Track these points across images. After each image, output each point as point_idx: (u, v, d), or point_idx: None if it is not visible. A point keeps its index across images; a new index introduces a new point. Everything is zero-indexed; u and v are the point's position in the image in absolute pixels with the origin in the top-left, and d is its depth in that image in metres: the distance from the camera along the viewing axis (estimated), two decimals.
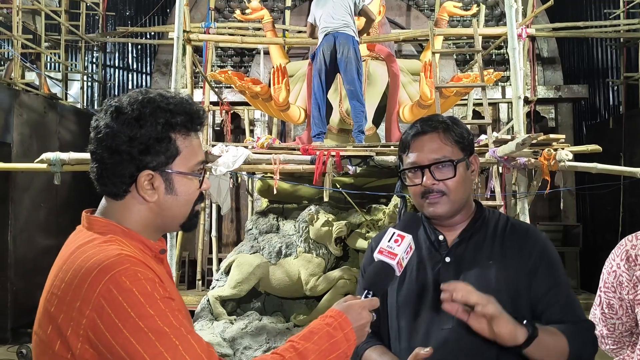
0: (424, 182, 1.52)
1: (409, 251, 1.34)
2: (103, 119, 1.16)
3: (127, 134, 1.12)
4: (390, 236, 1.34)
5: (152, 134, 1.14)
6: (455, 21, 9.03)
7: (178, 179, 1.18)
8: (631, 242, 1.68)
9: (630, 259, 1.66)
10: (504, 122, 8.70)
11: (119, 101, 1.17)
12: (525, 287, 1.49)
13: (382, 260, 1.31)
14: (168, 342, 1.01)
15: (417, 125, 1.58)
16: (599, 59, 9.57)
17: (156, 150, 1.15)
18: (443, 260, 1.54)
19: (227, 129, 8.40)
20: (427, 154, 1.53)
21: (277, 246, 5.11)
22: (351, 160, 4.96)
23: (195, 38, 5.84)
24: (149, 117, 1.14)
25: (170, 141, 1.16)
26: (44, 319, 1.09)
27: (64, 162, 4.80)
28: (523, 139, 4.14)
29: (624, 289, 1.67)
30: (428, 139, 1.54)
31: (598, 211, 9.00)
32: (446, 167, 1.52)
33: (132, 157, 1.13)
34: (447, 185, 1.51)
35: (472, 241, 1.55)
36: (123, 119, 1.13)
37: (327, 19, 5.40)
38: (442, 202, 1.52)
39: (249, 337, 4.57)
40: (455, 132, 1.55)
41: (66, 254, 1.14)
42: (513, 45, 4.82)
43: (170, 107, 1.16)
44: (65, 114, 8.23)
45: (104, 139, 1.14)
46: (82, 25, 9.15)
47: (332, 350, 1.16)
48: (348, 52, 5.32)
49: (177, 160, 1.18)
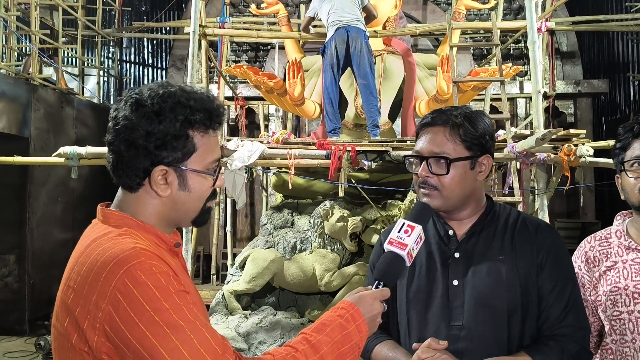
0: (419, 172, 1.53)
1: (419, 241, 1.33)
2: (122, 109, 1.15)
3: (145, 128, 1.12)
4: (400, 227, 1.33)
5: (170, 130, 1.13)
6: (473, 15, 8.91)
7: (192, 176, 1.18)
8: (590, 244, 1.72)
9: (589, 261, 1.70)
10: (522, 118, 8.58)
11: (140, 93, 1.16)
12: (533, 283, 1.47)
13: (392, 250, 1.30)
14: (183, 335, 1.01)
15: (431, 116, 1.58)
16: (619, 53, 9.40)
17: (173, 147, 1.14)
18: (452, 256, 1.52)
19: (242, 124, 8.40)
20: (429, 146, 1.53)
21: (292, 241, 5.10)
22: (367, 156, 4.91)
23: (210, 33, 5.83)
24: (168, 112, 1.13)
25: (187, 138, 1.15)
26: (62, 311, 1.10)
27: (81, 156, 4.83)
28: (543, 134, 4.07)
29: (586, 290, 1.70)
30: (434, 132, 1.54)
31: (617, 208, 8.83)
32: (442, 163, 1.51)
33: (148, 151, 1.13)
34: (441, 181, 1.50)
35: (482, 236, 1.54)
36: (142, 112, 1.12)
37: (339, 12, 5.35)
38: (434, 196, 1.51)
39: (264, 332, 4.56)
40: (466, 130, 1.52)
41: (82, 247, 1.14)
42: (533, 39, 4.73)
43: (190, 103, 1.15)
44: (82, 109, 8.30)
45: (121, 130, 1.14)
46: (98, 21, 9.21)
47: (345, 341, 1.16)
48: (361, 46, 5.30)
49: (192, 157, 1.17)
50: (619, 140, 1.68)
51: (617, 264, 1.65)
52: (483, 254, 1.50)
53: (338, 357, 1.14)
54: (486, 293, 1.46)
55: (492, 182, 6.76)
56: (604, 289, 1.65)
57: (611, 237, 1.72)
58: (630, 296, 1.60)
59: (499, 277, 1.46)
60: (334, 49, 5.33)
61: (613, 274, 1.65)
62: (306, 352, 1.11)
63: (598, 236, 1.75)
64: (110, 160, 1.18)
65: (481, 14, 8.88)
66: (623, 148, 1.66)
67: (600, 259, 1.69)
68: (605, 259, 1.68)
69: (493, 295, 1.45)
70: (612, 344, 1.65)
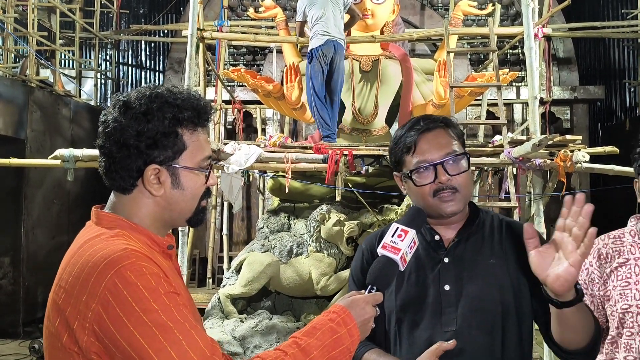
0: (440, 178, 1.46)
1: (413, 246, 1.32)
2: (111, 113, 1.17)
3: (135, 128, 1.14)
4: (394, 231, 1.32)
5: (159, 129, 1.15)
6: (470, 20, 8.95)
7: (184, 173, 1.19)
8: (603, 241, 1.78)
9: (601, 257, 1.75)
10: (519, 123, 8.60)
11: (127, 96, 1.18)
12: (525, 283, 1.47)
13: (385, 255, 1.29)
14: (172, 336, 1.01)
15: (419, 124, 1.52)
16: (615, 60, 9.43)
17: (163, 145, 1.16)
18: (442, 261, 1.50)
19: (239, 127, 8.38)
20: (438, 149, 1.48)
21: (288, 245, 5.09)
22: (364, 160, 4.92)
23: (208, 36, 5.83)
24: (156, 112, 1.15)
25: (177, 136, 1.17)
26: (53, 311, 1.11)
27: (77, 159, 4.81)
28: (539, 139, 4.08)
29: (595, 285, 1.75)
30: (435, 135, 1.50)
31: (612, 214, 8.87)
32: (457, 161, 1.48)
33: (140, 151, 1.14)
34: (459, 181, 1.48)
35: (470, 240, 1.53)
36: (131, 113, 1.15)
37: (327, 23, 5.29)
38: (457, 199, 1.48)
39: (259, 336, 4.55)
40: (455, 129, 1.54)
41: (75, 248, 1.15)
42: (529, 44, 4.75)
43: (177, 102, 1.17)
44: (79, 111, 8.28)
45: (112, 133, 1.15)
46: (96, 23, 9.21)
47: (336, 345, 1.15)
48: (342, 64, 5.42)
49: (183, 155, 1.19)
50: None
51: (629, 261, 1.71)
52: (473, 258, 1.50)
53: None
54: (480, 297, 1.45)
55: (489, 188, 6.77)
56: (614, 284, 1.70)
57: (624, 236, 1.77)
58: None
59: (491, 280, 1.45)
60: (321, 57, 5.28)
61: (625, 270, 1.70)
62: (295, 356, 1.11)
63: (612, 235, 1.80)
64: (102, 163, 1.19)
65: (478, 19, 8.91)
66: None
67: (613, 255, 1.74)
68: (618, 256, 1.73)
69: (487, 299, 1.45)
70: (618, 338, 1.68)
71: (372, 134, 6.02)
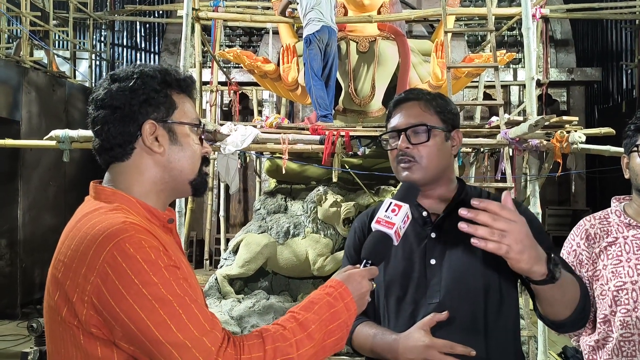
0: (399, 145, 1.53)
1: (406, 220, 1.33)
2: (100, 87, 1.21)
3: (127, 88, 1.17)
4: (388, 206, 1.33)
5: (150, 85, 1.18)
6: (468, 1, 8.88)
7: (180, 129, 1.21)
8: (590, 222, 1.80)
9: (589, 237, 1.76)
10: (515, 105, 8.60)
11: (114, 72, 1.23)
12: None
13: (380, 229, 1.30)
14: (171, 309, 1.01)
15: (403, 94, 1.63)
16: (613, 42, 9.40)
17: (156, 102, 1.18)
18: (429, 236, 1.53)
19: (235, 109, 8.35)
20: (406, 118, 1.56)
21: (285, 226, 5.11)
22: (360, 141, 4.91)
23: (204, 16, 5.76)
24: (145, 75, 1.19)
25: (166, 96, 1.20)
26: (52, 285, 1.10)
27: (73, 139, 4.79)
28: (536, 120, 4.08)
29: (583, 266, 1.76)
30: (409, 106, 1.58)
31: (608, 195, 8.91)
32: (421, 132, 1.53)
33: (133, 110, 1.16)
34: (420, 151, 1.52)
35: (455, 215, 1.53)
36: (120, 79, 1.19)
37: (322, 9, 5.34)
38: (415, 169, 1.52)
39: (257, 316, 4.59)
40: (438, 103, 1.58)
41: (73, 222, 1.15)
42: (527, 25, 4.71)
43: (161, 70, 1.22)
44: (74, 92, 8.22)
45: (104, 98, 1.18)
46: (90, 3, 9.10)
47: (333, 319, 1.16)
48: (335, 48, 5.48)
49: (176, 112, 1.21)
50: (634, 122, 1.73)
51: (618, 240, 1.72)
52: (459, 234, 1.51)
53: (326, 334, 1.15)
54: (462, 271, 1.48)
55: (485, 169, 6.79)
56: (604, 263, 1.71)
57: (610, 216, 1.79)
58: (634, 267, 1.67)
59: (474, 256, 1.47)
60: (319, 41, 5.34)
61: (615, 248, 1.71)
62: (294, 330, 1.12)
63: (597, 216, 1.81)
64: (97, 134, 1.19)
65: (476, 0, 8.85)
66: (638, 129, 1.72)
67: (601, 235, 1.75)
68: (606, 236, 1.74)
69: (469, 274, 1.48)
70: (612, 316, 1.69)
71: (369, 116, 6.00)
